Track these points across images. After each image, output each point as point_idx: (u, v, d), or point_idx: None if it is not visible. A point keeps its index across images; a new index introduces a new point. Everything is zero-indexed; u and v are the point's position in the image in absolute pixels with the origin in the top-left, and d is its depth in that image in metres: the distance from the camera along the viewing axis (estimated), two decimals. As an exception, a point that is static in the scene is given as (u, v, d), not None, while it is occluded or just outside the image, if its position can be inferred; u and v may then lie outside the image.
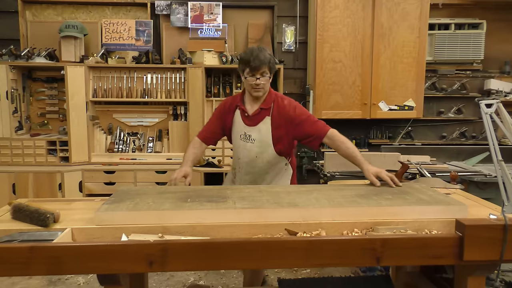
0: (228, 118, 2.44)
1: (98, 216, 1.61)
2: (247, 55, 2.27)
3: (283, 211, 1.66)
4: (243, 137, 2.37)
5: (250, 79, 2.27)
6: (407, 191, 1.95)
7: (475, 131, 4.63)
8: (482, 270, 1.58)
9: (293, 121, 2.32)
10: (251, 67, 2.24)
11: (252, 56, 2.23)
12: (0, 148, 3.96)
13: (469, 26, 4.44)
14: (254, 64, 2.23)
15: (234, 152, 2.48)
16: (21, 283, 3.15)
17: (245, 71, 2.28)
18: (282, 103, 2.36)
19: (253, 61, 2.23)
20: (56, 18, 4.34)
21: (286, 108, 2.34)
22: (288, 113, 2.32)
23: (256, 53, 2.25)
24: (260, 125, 2.34)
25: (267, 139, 2.34)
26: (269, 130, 2.33)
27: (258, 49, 2.27)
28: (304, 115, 2.33)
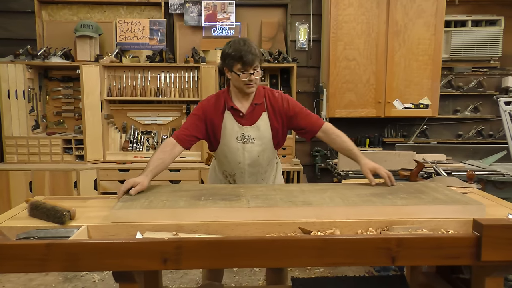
0: (216, 121, 2.22)
1: (113, 214, 1.62)
2: (236, 50, 2.08)
3: (297, 209, 1.66)
4: (240, 139, 2.21)
5: (243, 75, 2.10)
6: (423, 190, 1.92)
7: (492, 129, 4.55)
8: (500, 271, 1.55)
9: (287, 113, 2.23)
10: (244, 62, 2.07)
11: (243, 51, 2.06)
12: (17, 146, 4.03)
13: (486, 23, 4.36)
14: (246, 59, 2.06)
15: (230, 157, 2.25)
16: (38, 280, 3.20)
17: (234, 67, 2.10)
18: (273, 96, 2.26)
19: (246, 56, 2.06)
20: (71, 18, 4.39)
21: (279, 101, 2.23)
22: (282, 106, 2.23)
23: (246, 46, 2.08)
24: (258, 123, 2.22)
25: (267, 135, 2.24)
26: (268, 126, 2.23)
27: (244, 42, 2.10)
28: (297, 108, 2.25)
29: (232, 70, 2.12)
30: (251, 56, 2.06)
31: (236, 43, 2.10)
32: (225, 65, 2.15)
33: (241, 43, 2.09)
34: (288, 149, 4.18)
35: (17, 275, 3.25)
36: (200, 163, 4.10)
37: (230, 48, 2.10)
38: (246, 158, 2.23)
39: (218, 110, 2.22)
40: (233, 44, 2.11)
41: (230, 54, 2.09)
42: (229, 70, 2.15)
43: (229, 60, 2.11)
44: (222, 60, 2.18)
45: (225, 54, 2.13)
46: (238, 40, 2.12)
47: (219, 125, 2.22)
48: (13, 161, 4.04)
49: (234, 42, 2.12)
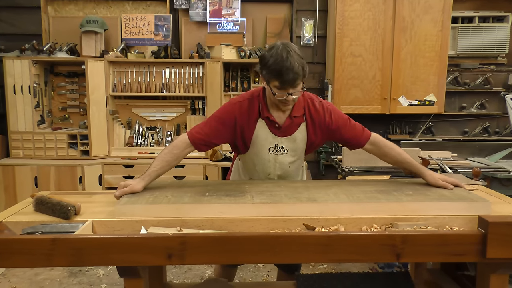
0: (247, 129, 2.00)
1: (118, 209, 1.63)
2: (276, 64, 1.79)
3: (301, 206, 1.66)
4: (273, 150, 2.03)
5: (279, 94, 1.85)
6: (428, 187, 1.91)
7: (498, 126, 4.52)
8: (505, 268, 1.54)
9: (328, 127, 2.01)
10: (282, 82, 1.80)
11: (284, 67, 1.77)
12: (23, 141, 4.05)
13: (493, 19, 4.32)
14: (286, 79, 1.79)
15: (259, 166, 2.09)
16: (43, 274, 3.23)
17: (271, 83, 1.85)
18: (314, 107, 2.01)
19: (286, 75, 1.78)
20: (77, 13, 4.39)
21: (320, 113, 2.00)
22: (323, 119, 2.00)
23: (288, 62, 1.77)
24: (295, 134, 2.02)
25: (302, 147, 2.06)
26: (305, 138, 2.04)
27: (288, 54, 1.79)
28: (340, 120, 2.01)
29: (268, 84, 1.88)
30: (292, 75, 1.78)
31: (279, 54, 1.80)
32: (262, 74, 1.90)
33: (283, 55, 1.79)
34: (292, 145, 4.17)
35: (23, 269, 3.27)
36: (205, 159, 4.11)
37: (271, 59, 1.82)
38: (277, 169, 2.09)
39: (251, 117, 1.99)
40: (275, 54, 1.81)
41: (269, 67, 1.82)
42: (265, 81, 1.90)
43: (266, 73, 1.86)
44: (260, 68, 1.91)
45: (264, 64, 1.86)
46: (281, 50, 1.81)
47: (251, 134, 2.01)
48: (19, 156, 4.06)
49: (276, 52, 1.81)
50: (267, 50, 1.88)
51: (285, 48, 1.81)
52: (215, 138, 2.00)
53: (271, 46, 1.87)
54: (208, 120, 2.02)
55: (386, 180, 2.06)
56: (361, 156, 2.97)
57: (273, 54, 1.82)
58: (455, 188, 1.89)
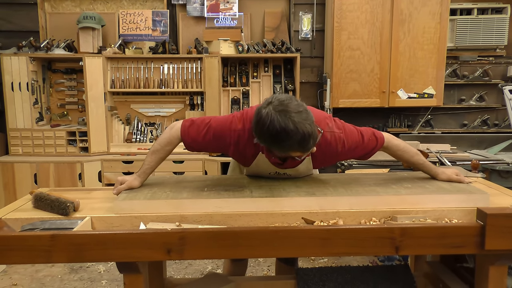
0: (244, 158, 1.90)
1: (117, 205, 1.63)
2: (274, 144, 1.61)
3: (300, 200, 1.66)
4: (274, 174, 1.96)
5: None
6: (427, 180, 1.91)
7: (497, 119, 4.52)
8: (504, 260, 1.55)
9: (341, 155, 1.88)
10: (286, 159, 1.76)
11: (289, 157, 1.69)
12: (22, 139, 4.05)
13: (492, 11, 4.31)
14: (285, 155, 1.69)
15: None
16: (44, 271, 3.24)
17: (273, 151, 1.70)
18: (325, 141, 1.79)
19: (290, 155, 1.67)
20: (74, 9, 4.38)
21: (333, 145, 1.81)
22: (335, 150, 1.83)
23: (289, 143, 1.57)
24: (299, 166, 1.90)
25: (305, 172, 1.98)
26: (310, 167, 1.94)
27: (290, 135, 1.54)
28: (354, 144, 1.84)
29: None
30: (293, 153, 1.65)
31: (279, 135, 1.55)
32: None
33: (283, 138, 1.56)
34: (292, 139, 4.17)
35: (24, 266, 3.28)
36: (204, 154, 4.11)
37: (270, 136, 1.58)
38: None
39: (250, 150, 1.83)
40: (274, 131, 1.55)
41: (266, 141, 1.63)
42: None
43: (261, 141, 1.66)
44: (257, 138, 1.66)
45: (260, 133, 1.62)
46: (279, 132, 1.55)
47: (249, 162, 1.90)
48: (18, 153, 4.06)
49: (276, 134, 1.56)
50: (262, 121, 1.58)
51: (284, 128, 1.54)
52: (206, 149, 1.94)
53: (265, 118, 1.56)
54: (206, 127, 1.82)
55: (385, 173, 2.06)
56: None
57: (274, 132, 1.56)
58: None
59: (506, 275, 1.59)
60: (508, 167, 2.86)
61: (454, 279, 1.95)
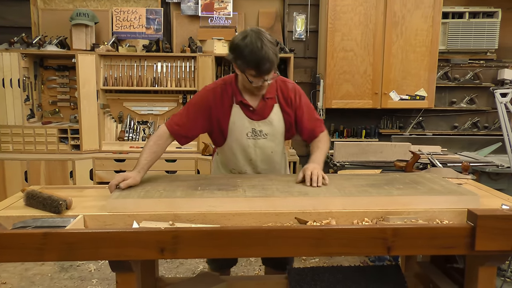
0: (222, 116, 2.02)
1: (110, 203, 1.62)
2: (252, 54, 1.80)
3: (293, 199, 1.66)
4: (251, 135, 2.04)
5: (256, 81, 1.89)
6: (419, 181, 1.93)
7: (487, 121, 4.57)
8: (493, 261, 1.57)
9: (297, 109, 2.08)
10: (259, 71, 1.84)
11: (260, 57, 1.80)
12: (13, 136, 4.01)
13: (483, 14, 4.36)
14: (264, 69, 1.83)
15: (239, 154, 2.09)
16: (34, 270, 3.21)
17: (247, 72, 1.87)
18: (286, 88, 2.07)
19: (263, 64, 1.82)
20: (67, 6, 4.34)
21: (291, 94, 2.06)
22: (294, 99, 2.06)
23: (263, 52, 1.79)
24: (271, 116, 2.04)
25: (280, 129, 2.08)
26: (281, 119, 2.06)
27: (262, 44, 1.80)
28: (306, 106, 2.09)
29: (244, 73, 1.90)
30: (268, 65, 1.82)
31: (253, 43, 1.80)
32: (236, 63, 1.90)
33: (258, 45, 1.79)
34: (284, 139, 4.18)
35: (13, 265, 3.25)
36: (197, 153, 4.10)
37: (246, 49, 1.81)
38: (258, 154, 2.08)
39: (225, 103, 2.02)
40: (250, 44, 1.81)
41: (245, 57, 1.83)
42: (239, 69, 1.92)
43: (242, 63, 1.86)
44: (233, 57, 1.89)
45: (238, 53, 1.85)
46: (255, 39, 1.81)
47: (227, 121, 2.02)
48: (8, 150, 4.02)
49: (251, 41, 1.81)
50: (240, 39, 1.86)
51: (259, 38, 1.82)
52: (193, 129, 2.04)
53: (244, 35, 1.86)
54: (185, 108, 2.06)
55: (378, 174, 2.08)
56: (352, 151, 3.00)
57: (248, 43, 1.82)
58: (446, 182, 1.91)
59: (495, 275, 1.61)
60: (497, 169, 2.90)
61: (444, 279, 1.97)
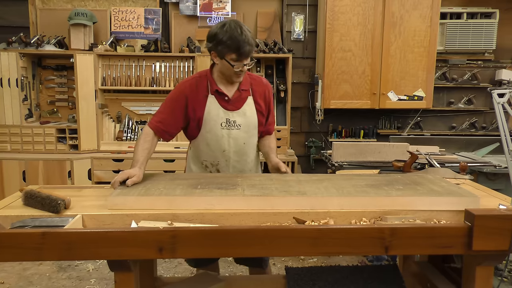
0: (198, 106, 2.10)
1: (111, 200, 1.64)
2: (232, 39, 1.92)
3: (291, 199, 1.67)
4: (225, 125, 2.11)
5: (237, 66, 1.98)
6: (419, 182, 1.93)
7: (485, 121, 4.59)
8: (490, 260, 1.58)
9: (269, 103, 2.22)
10: (240, 54, 1.94)
11: (241, 41, 1.92)
12: (11, 135, 4.00)
13: (481, 15, 4.37)
14: (244, 51, 1.94)
15: (213, 145, 2.14)
16: (32, 269, 3.21)
17: (227, 56, 1.97)
18: (261, 81, 2.22)
19: (243, 47, 1.93)
20: (65, 5, 4.34)
21: (265, 87, 2.21)
22: (267, 93, 2.21)
23: (243, 36, 1.92)
24: (244, 107, 2.13)
25: (253, 121, 2.16)
26: (254, 111, 2.15)
27: (241, 29, 1.94)
28: (272, 104, 2.26)
29: (224, 58, 1.99)
30: (248, 48, 1.94)
31: (233, 29, 1.93)
32: (216, 50, 2.00)
33: (238, 31, 1.93)
34: (282, 139, 4.19)
35: (11, 264, 3.25)
36: (195, 153, 4.10)
37: (226, 35, 1.93)
38: (231, 145, 2.14)
39: (201, 93, 2.10)
40: (229, 30, 1.94)
41: (225, 42, 1.94)
42: (219, 56, 2.01)
43: (222, 48, 1.96)
44: (213, 45, 2.00)
45: (219, 40, 1.96)
46: (234, 26, 1.94)
47: (202, 110, 2.10)
48: (6, 150, 4.01)
49: (230, 28, 1.94)
50: (219, 27, 1.98)
51: (238, 24, 1.96)
52: (173, 123, 2.12)
53: (222, 24, 1.98)
54: (163, 105, 2.15)
55: (378, 174, 2.08)
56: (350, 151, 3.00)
57: (228, 30, 1.94)
58: (446, 183, 1.91)
59: (492, 275, 1.62)
60: (495, 170, 2.91)
61: (441, 279, 1.98)
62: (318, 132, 4.51)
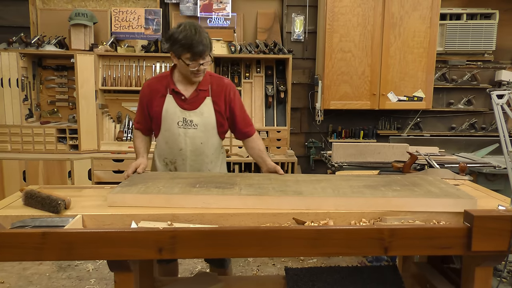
0: (155, 104, 2.18)
1: (110, 198, 1.67)
2: (186, 38, 2.00)
3: (286, 198, 1.68)
4: (182, 124, 2.16)
5: (192, 65, 2.05)
6: (418, 183, 1.93)
7: (484, 122, 4.59)
8: (489, 261, 1.58)
9: (230, 103, 2.23)
10: (194, 53, 2.01)
11: (194, 41, 1.99)
12: (11, 135, 4.00)
13: (481, 16, 4.37)
14: (197, 50, 2.01)
15: (170, 143, 2.20)
16: (32, 269, 3.21)
17: (183, 56, 2.04)
18: (221, 82, 2.24)
19: (196, 47, 2.00)
20: (66, 6, 4.34)
21: (225, 88, 2.22)
22: (228, 93, 2.22)
23: (197, 36, 2.00)
24: (202, 108, 2.17)
25: (211, 121, 2.19)
26: (212, 112, 2.19)
27: (196, 30, 2.02)
28: (239, 102, 2.27)
29: (180, 58, 2.06)
30: (202, 47, 2.01)
31: (188, 29, 2.01)
32: (172, 50, 2.08)
33: (192, 31, 2.00)
34: (282, 140, 4.20)
35: (11, 264, 3.25)
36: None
37: (180, 34, 2.01)
38: (188, 144, 2.18)
39: (159, 93, 2.18)
40: (184, 30, 2.02)
41: (180, 41, 2.01)
42: (176, 56, 2.08)
43: (177, 47, 2.04)
44: (169, 45, 2.08)
45: (174, 40, 2.04)
46: (190, 27, 2.03)
47: (160, 109, 2.17)
48: (7, 150, 4.01)
49: (185, 28, 2.02)
50: (176, 28, 2.07)
51: (193, 25, 2.04)
52: (148, 122, 2.26)
53: (179, 25, 2.07)
54: (137, 106, 2.31)
55: (377, 176, 2.08)
56: (350, 151, 3.01)
57: (182, 30, 2.03)
58: (445, 185, 1.91)
59: (491, 276, 1.62)
60: (494, 170, 2.91)
61: (441, 279, 1.98)
62: (318, 133, 4.51)
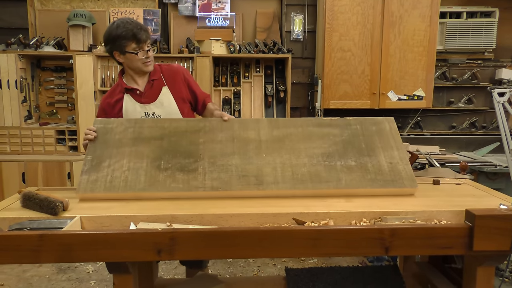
0: (117, 111, 2.18)
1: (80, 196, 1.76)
2: (126, 30, 2.02)
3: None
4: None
5: (140, 53, 2.06)
6: (373, 148, 1.95)
7: (485, 121, 4.58)
8: (491, 261, 1.57)
9: (188, 84, 2.24)
10: (138, 40, 2.03)
11: (135, 29, 2.02)
12: (10, 137, 3.99)
13: (481, 14, 4.36)
14: (141, 36, 2.03)
15: None
16: (31, 271, 3.20)
17: (128, 47, 2.05)
18: (172, 68, 2.25)
19: (139, 33, 2.02)
20: (64, 6, 4.33)
21: (179, 72, 2.23)
22: (182, 76, 2.23)
23: (135, 24, 2.04)
24: (160, 98, 2.18)
25: (173, 110, 2.18)
26: (172, 100, 2.19)
27: (131, 20, 2.06)
28: (193, 81, 2.29)
29: (126, 52, 2.06)
30: (143, 33, 2.04)
31: (124, 23, 2.03)
32: (116, 48, 2.08)
33: (128, 22, 2.04)
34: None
35: (11, 266, 3.24)
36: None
37: (118, 29, 2.03)
38: None
39: (115, 97, 2.18)
40: (121, 23, 2.04)
41: (121, 35, 2.02)
42: (121, 53, 2.08)
43: (120, 42, 2.04)
44: (110, 44, 2.08)
45: (114, 37, 2.04)
46: (122, 21, 2.05)
47: (121, 112, 2.17)
48: (6, 152, 4.00)
49: (121, 22, 2.04)
50: (109, 28, 2.08)
51: (124, 19, 2.07)
52: None
53: (112, 23, 2.09)
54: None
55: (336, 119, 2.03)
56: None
57: (119, 23, 2.05)
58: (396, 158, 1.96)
59: (493, 275, 1.61)
60: (495, 169, 2.90)
61: (442, 279, 1.97)
62: (318, 132, 4.49)
